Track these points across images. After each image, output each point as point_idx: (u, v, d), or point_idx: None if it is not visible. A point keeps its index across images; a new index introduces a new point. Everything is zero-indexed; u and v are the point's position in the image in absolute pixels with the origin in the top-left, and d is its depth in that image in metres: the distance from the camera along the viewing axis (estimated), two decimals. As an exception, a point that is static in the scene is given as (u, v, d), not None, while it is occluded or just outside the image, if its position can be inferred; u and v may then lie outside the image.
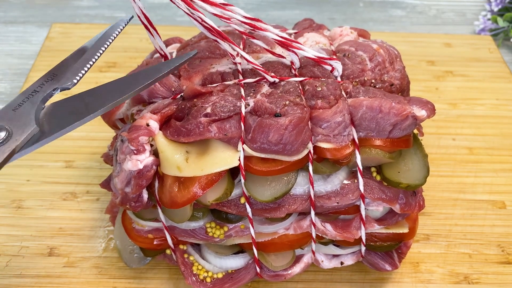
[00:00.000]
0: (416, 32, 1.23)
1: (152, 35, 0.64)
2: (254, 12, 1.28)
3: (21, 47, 1.15)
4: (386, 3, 1.33)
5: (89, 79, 1.04)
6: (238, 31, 0.64)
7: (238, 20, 0.63)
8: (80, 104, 0.53)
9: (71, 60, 0.60)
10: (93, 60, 0.60)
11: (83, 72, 0.59)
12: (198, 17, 0.62)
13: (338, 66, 0.67)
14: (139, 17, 0.63)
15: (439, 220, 0.83)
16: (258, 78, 0.65)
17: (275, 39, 0.64)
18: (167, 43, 0.77)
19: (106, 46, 0.62)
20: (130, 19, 0.64)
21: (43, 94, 0.54)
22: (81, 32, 1.15)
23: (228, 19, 0.63)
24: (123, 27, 0.64)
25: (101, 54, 0.61)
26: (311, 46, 0.72)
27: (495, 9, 1.24)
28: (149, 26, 0.64)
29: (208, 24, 0.62)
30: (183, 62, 0.59)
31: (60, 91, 0.57)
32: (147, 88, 0.56)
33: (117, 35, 0.64)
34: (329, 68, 0.67)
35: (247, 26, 0.64)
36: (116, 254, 0.76)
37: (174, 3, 0.61)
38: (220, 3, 0.63)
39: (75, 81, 0.57)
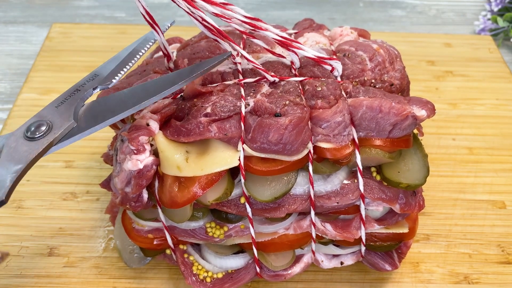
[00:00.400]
0: (416, 32, 1.23)
1: (158, 33, 0.65)
2: (254, 12, 1.28)
3: (21, 47, 1.15)
4: (386, 3, 1.33)
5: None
6: (239, 30, 0.64)
7: (239, 20, 0.63)
8: (117, 102, 0.57)
9: (112, 62, 0.65)
10: (132, 62, 0.65)
11: (122, 73, 0.63)
12: (199, 16, 0.62)
13: (338, 66, 0.67)
14: (144, 16, 0.63)
15: (439, 220, 0.83)
16: (258, 78, 0.65)
17: (275, 39, 0.64)
18: (167, 43, 0.76)
19: (144, 50, 0.67)
20: (172, 24, 0.69)
21: (83, 93, 0.59)
22: (81, 32, 1.15)
23: (229, 18, 0.63)
24: (165, 31, 0.67)
25: (139, 57, 0.66)
26: (311, 46, 0.72)
27: (495, 9, 1.24)
28: (154, 25, 0.64)
29: (209, 24, 0.62)
30: (220, 61, 0.61)
31: (100, 90, 0.61)
32: (178, 88, 0.58)
33: (167, 28, 0.68)
34: (329, 68, 0.67)
35: (248, 26, 0.64)
36: (116, 254, 0.76)
37: (175, 2, 0.61)
38: (221, 3, 0.63)
39: (114, 81, 0.61)
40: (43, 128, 0.54)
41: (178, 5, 0.61)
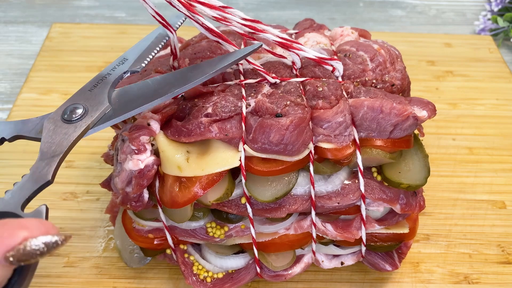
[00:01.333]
0: (416, 32, 1.23)
1: (172, 33, 0.65)
2: (254, 12, 1.28)
3: (21, 47, 1.15)
4: (386, 3, 1.33)
5: (88, 79, 1.03)
6: (239, 33, 0.64)
7: (238, 22, 0.63)
8: (149, 89, 0.58)
9: (139, 47, 0.66)
10: (159, 46, 0.66)
11: (150, 57, 0.64)
12: (199, 19, 0.62)
13: (339, 66, 0.67)
14: (154, 17, 0.63)
15: (439, 220, 0.83)
16: (259, 79, 0.65)
17: (275, 41, 0.64)
18: (168, 43, 0.76)
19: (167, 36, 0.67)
20: (184, 20, 0.70)
21: (114, 77, 0.60)
22: (81, 32, 1.15)
23: (229, 22, 0.63)
24: (178, 27, 0.69)
25: (164, 43, 0.67)
26: (312, 46, 0.72)
27: (495, 9, 1.24)
28: (167, 25, 0.64)
29: (209, 27, 0.63)
30: (251, 52, 0.61)
31: (130, 74, 0.62)
32: (212, 76, 0.59)
33: (180, 24, 0.69)
34: (330, 68, 0.67)
35: (247, 29, 0.64)
36: (116, 254, 0.76)
37: (175, 7, 0.61)
38: (219, 6, 0.63)
39: (143, 65, 0.62)
40: (79, 111, 0.55)
41: (178, 9, 0.61)
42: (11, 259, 0.36)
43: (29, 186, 0.49)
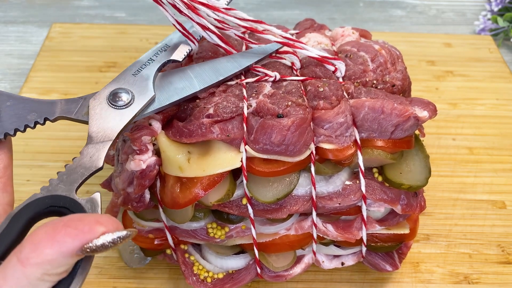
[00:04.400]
0: (416, 32, 1.23)
1: (194, 43, 0.65)
2: (254, 12, 1.28)
3: (21, 47, 1.15)
4: (386, 3, 1.33)
5: (88, 79, 1.04)
6: (238, 36, 0.64)
7: (239, 25, 0.64)
8: (188, 78, 0.60)
9: (178, 34, 0.65)
10: (198, 37, 0.66)
11: (190, 48, 0.64)
12: (203, 23, 0.62)
13: (341, 66, 0.67)
14: (175, 26, 0.63)
15: (439, 220, 0.83)
16: (259, 77, 0.65)
17: (278, 41, 0.64)
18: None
19: None
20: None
21: (158, 64, 0.59)
22: (81, 32, 1.15)
23: (228, 26, 0.64)
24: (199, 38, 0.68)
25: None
26: (313, 46, 0.71)
27: (495, 9, 1.24)
28: (189, 36, 0.64)
29: (212, 31, 0.63)
30: (274, 51, 0.64)
31: (172, 62, 0.62)
32: (246, 69, 0.62)
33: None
34: (332, 68, 0.67)
35: (249, 30, 0.64)
36: (116, 254, 0.76)
37: (178, 10, 0.61)
38: (224, 8, 0.63)
39: (185, 54, 0.62)
40: (126, 97, 0.55)
41: (180, 11, 0.61)
42: (88, 250, 0.40)
43: (81, 171, 0.49)
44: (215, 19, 0.63)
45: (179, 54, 0.62)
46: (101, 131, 0.52)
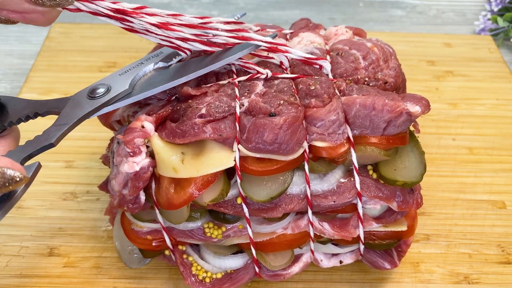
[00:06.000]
0: (416, 32, 1.23)
1: (186, 53, 0.66)
2: (254, 12, 1.28)
3: (21, 47, 1.15)
4: (386, 3, 1.33)
5: (87, 79, 1.04)
6: (224, 44, 0.65)
7: (221, 36, 0.64)
8: (167, 73, 0.64)
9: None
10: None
11: (181, 56, 0.66)
12: (180, 36, 0.63)
13: (325, 65, 0.67)
14: (161, 44, 0.65)
15: (439, 220, 0.83)
16: (251, 75, 0.65)
17: (264, 48, 0.65)
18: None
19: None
20: (242, 15, 0.73)
21: (145, 66, 0.64)
22: (81, 32, 1.15)
23: (208, 37, 0.64)
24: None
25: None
26: (306, 45, 0.72)
27: (495, 9, 1.24)
28: (178, 48, 0.64)
29: (192, 39, 0.64)
30: (248, 51, 0.65)
31: (160, 66, 0.65)
32: (223, 64, 0.64)
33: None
34: (317, 67, 0.67)
35: (231, 40, 0.64)
36: (116, 254, 0.76)
37: (153, 35, 0.63)
38: (199, 24, 0.64)
39: (174, 60, 0.65)
40: (102, 90, 0.61)
41: (156, 34, 0.62)
42: None
43: (34, 145, 0.54)
44: (193, 34, 0.63)
45: (168, 60, 0.65)
46: (67, 116, 0.58)
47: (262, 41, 0.64)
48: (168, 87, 0.62)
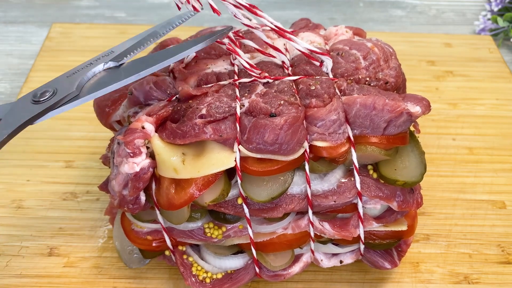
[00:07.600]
0: (416, 32, 1.23)
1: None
2: (254, 12, 1.28)
3: (21, 47, 1.15)
4: (386, 3, 1.33)
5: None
6: (231, 35, 0.64)
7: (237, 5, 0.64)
8: (119, 73, 0.62)
9: (129, 41, 0.67)
10: (148, 43, 0.67)
11: (136, 52, 0.65)
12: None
13: (327, 61, 0.67)
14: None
15: (439, 220, 0.83)
16: (252, 79, 0.65)
17: (270, 27, 0.65)
18: (165, 43, 0.77)
19: (163, 33, 0.69)
20: (194, 14, 0.71)
21: (94, 66, 0.62)
22: (81, 32, 1.15)
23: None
24: (188, 18, 0.70)
25: (157, 39, 0.68)
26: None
27: (495, 9, 1.24)
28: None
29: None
30: (222, 35, 0.64)
31: (111, 65, 0.63)
32: (180, 58, 0.62)
33: (178, 24, 0.70)
34: (317, 63, 0.67)
35: (246, 11, 0.64)
36: (116, 254, 0.76)
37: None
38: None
39: (125, 58, 0.63)
40: (48, 93, 0.59)
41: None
42: None
43: None
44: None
45: (119, 59, 0.63)
46: (8, 122, 0.57)
47: (273, 24, 0.64)
48: (118, 86, 0.60)
